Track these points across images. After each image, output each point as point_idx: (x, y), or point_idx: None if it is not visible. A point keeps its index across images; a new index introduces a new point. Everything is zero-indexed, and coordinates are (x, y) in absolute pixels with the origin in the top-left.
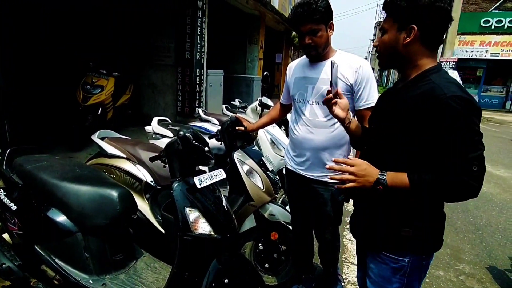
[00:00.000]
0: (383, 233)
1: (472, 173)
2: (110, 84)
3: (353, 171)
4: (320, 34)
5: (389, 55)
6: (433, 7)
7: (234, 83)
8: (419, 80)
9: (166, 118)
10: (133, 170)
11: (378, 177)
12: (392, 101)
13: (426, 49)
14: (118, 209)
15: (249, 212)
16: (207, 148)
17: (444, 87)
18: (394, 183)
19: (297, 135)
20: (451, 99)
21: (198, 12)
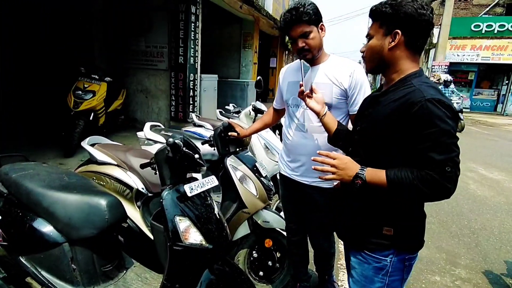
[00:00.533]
0: (365, 232)
1: (445, 174)
2: (102, 89)
3: (334, 164)
4: (313, 36)
5: (375, 60)
6: (416, 14)
7: (228, 87)
8: (401, 84)
9: (159, 123)
10: (124, 177)
11: (358, 172)
12: (375, 104)
13: (410, 54)
14: (107, 219)
15: (242, 219)
16: (197, 155)
17: (423, 90)
18: (372, 179)
19: (291, 140)
20: (429, 102)
21: (191, 17)
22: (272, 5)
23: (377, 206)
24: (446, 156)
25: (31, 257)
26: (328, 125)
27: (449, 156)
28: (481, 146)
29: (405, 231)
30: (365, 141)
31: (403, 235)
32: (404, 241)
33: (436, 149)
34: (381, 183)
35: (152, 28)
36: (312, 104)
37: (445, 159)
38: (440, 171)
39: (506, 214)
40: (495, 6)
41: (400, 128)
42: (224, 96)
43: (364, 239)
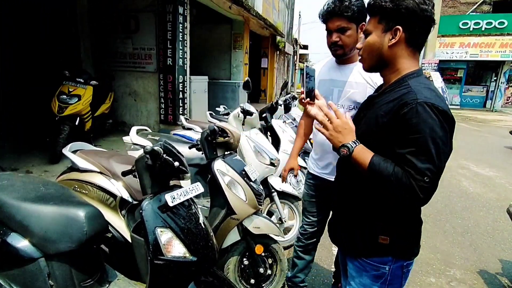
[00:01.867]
0: (361, 240)
1: (422, 183)
2: (87, 93)
3: (333, 122)
4: (349, 34)
5: (374, 58)
6: (418, 9)
7: (219, 89)
8: (397, 85)
9: (146, 127)
10: (107, 185)
11: (349, 142)
12: (370, 106)
13: (410, 52)
14: (85, 231)
15: (232, 226)
16: (177, 163)
17: (417, 92)
18: (358, 155)
19: (318, 138)
20: (421, 105)
21: (179, 18)
22: (262, 5)
23: (371, 214)
24: (427, 166)
25: (5, 274)
26: None
27: (431, 166)
28: (472, 142)
29: (402, 239)
30: None
31: (400, 243)
32: (401, 248)
33: (419, 156)
34: (363, 164)
35: (139, 30)
36: (314, 111)
37: (426, 169)
38: (417, 179)
39: (498, 211)
40: (482, 4)
41: (393, 130)
42: (215, 98)
43: (360, 246)
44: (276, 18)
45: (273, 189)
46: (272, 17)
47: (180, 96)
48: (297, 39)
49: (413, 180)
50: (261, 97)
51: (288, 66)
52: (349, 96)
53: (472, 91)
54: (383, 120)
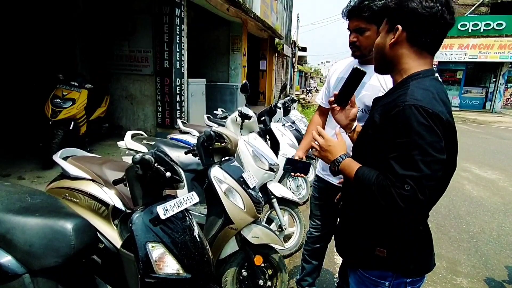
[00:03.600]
0: (360, 250)
1: (401, 191)
2: (82, 97)
3: (319, 143)
4: (368, 35)
5: (378, 58)
6: (419, 7)
7: (217, 91)
8: (399, 86)
9: (141, 132)
10: (99, 193)
11: (336, 158)
12: (373, 108)
13: (414, 52)
14: (73, 245)
15: (229, 236)
16: (169, 173)
17: (410, 94)
18: (344, 169)
19: None
20: (409, 107)
21: (176, 20)
22: (260, 7)
23: (368, 223)
24: (408, 173)
25: None
26: None
27: (413, 174)
28: (473, 144)
29: (401, 253)
30: (358, 148)
31: (399, 258)
32: (402, 264)
33: (400, 162)
34: (350, 176)
35: (136, 32)
36: (339, 117)
37: (407, 175)
38: (397, 186)
39: (503, 216)
40: (480, 6)
41: (384, 134)
42: (213, 100)
43: (359, 257)
44: (275, 20)
45: (273, 195)
46: (270, 19)
47: (177, 99)
48: (296, 41)
49: (392, 188)
50: (259, 99)
51: (287, 68)
52: (360, 98)
53: (472, 93)
54: (377, 123)
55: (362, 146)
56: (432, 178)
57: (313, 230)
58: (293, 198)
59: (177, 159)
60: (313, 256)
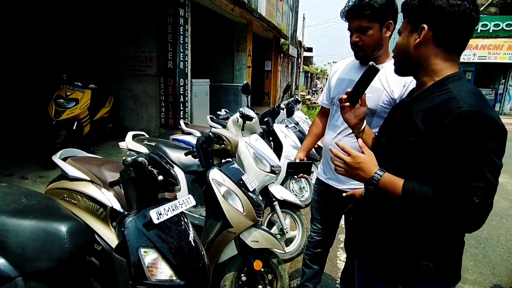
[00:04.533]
0: (401, 265)
1: (472, 205)
2: (86, 97)
3: (346, 161)
4: (371, 34)
5: (401, 59)
6: (446, 5)
7: (222, 92)
8: (435, 89)
9: (143, 132)
10: (97, 195)
11: (372, 175)
12: (404, 113)
13: (442, 52)
14: (67, 248)
15: (228, 240)
16: (161, 177)
17: (461, 99)
18: (385, 186)
19: (325, 140)
20: (466, 114)
21: (180, 20)
22: (265, 7)
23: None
24: (476, 185)
25: None
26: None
27: (480, 185)
28: None
29: (446, 263)
30: (390, 156)
31: (445, 268)
32: (446, 274)
33: (465, 172)
34: (395, 193)
35: (140, 33)
36: (348, 116)
37: (475, 187)
38: (466, 200)
39: (511, 221)
40: (489, 6)
41: (434, 142)
42: (218, 101)
43: (400, 273)
44: (280, 21)
45: (274, 198)
46: (275, 19)
47: (180, 100)
48: (301, 41)
49: (461, 202)
50: (264, 100)
51: (292, 68)
52: None
53: None
54: (421, 129)
55: (398, 155)
56: (495, 187)
57: (314, 235)
58: (295, 201)
59: (178, 160)
60: (314, 260)
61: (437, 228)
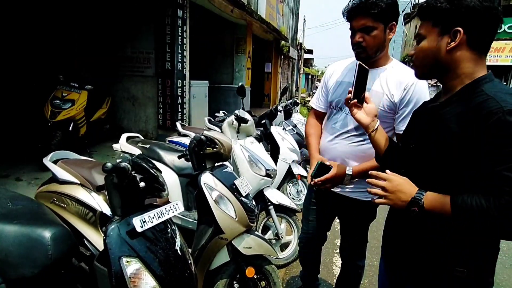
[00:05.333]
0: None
1: None
2: (82, 98)
3: (384, 186)
4: (375, 34)
5: (428, 64)
6: (481, 7)
7: (221, 94)
8: (468, 92)
9: (137, 134)
10: (86, 199)
11: (414, 196)
12: (434, 118)
13: (474, 55)
14: (50, 254)
15: (220, 246)
16: (143, 183)
17: (500, 99)
18: (432, 206)
19: (323, 143)
20: (509, 114)
21: (178, 21)
22: (265, 9)
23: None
24: None
25: None
26: (377, 142)
27: None
28: None
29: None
30: (424, 163)
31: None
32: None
33: None
34: (444, 211)
35: (138, 33)
36: (360, 115)
37: None
38: None
39: None
40: None
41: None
42: (217, 103)
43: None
44: (280, 23)
45: (269, 202)
46: (276, 21)
47: (178, 101)
48: (302, 43)
49: None
50: (264, 101)
51: (293, 70)
52: None
53: None
54: (458, 133)
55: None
56: None
57: (303, 234)
58: (290, 205)
59: (172, 163)
60: (305, 261)
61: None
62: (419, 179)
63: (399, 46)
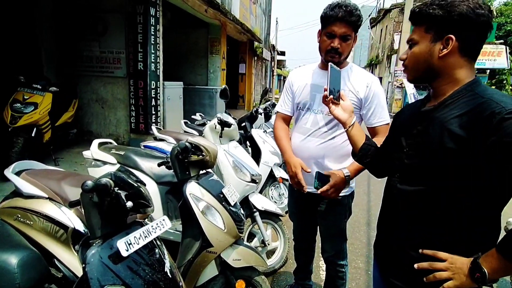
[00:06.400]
0: None
1: None
2: (46, 101)
3: (448, 267)
4: (349, 42)
5: (421, 69)
6: (473, 15)
7: (196, 95)
8: (460, 95)
9: (110, 140)
10: (56, 214)
11: (475, 264)
12: (428, 121)
13: (466, 61)
14: (18, 284)
15: (208, 261)
16: (130, 203)
17: (498, 101)
18: (493, 266)
19: (294, 144)
20: None
21: (151, 20)
22: (239, 10)
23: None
24: None
25: None
26: (354, 138)
27: None
28: None
29: None
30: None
31: None
32: None
33: None
34: (506, 267)
35: (107, 32)
36: (338, 112)
37: None
38: None
39: None
40: None
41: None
42: (192, 104)
43: None
44: (254, 24)
45: (255, 208)
46: (249, 22)
47: (152, 103)
48: (275, 45)
49: None
50: (239, 103)
51: (266, 71)
52: None
53: None
54: (461, 135)
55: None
56: None
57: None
58: (276, 211)
59: (150, 170)
60: (301, 253)
61: None
62: (418, 182)
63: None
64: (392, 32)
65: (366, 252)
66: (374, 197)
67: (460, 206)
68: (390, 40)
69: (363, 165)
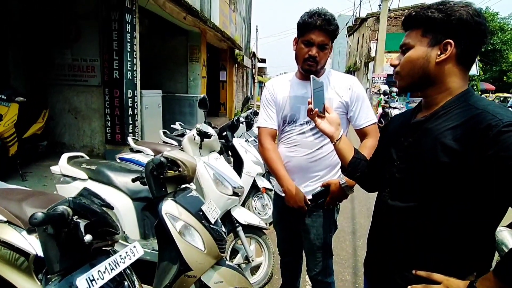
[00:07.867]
0: None
1: None
2: (12, 112)
3: None
4: (326, 52)
5: (416, 76)
6: (472, 22)
7: (176, 103)
8: (454, 106)
9: (81, 153)
10: (16, 240)
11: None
12: (420, 133)
13: (461, 70)
14: None
15: (187, 285)
16: (88, 237)
17: (494, 113)
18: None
19: (282, 153)
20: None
21: (126, 26)
22: (218, 17)
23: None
24: None
25: None
26: (342, 152)
27: None
28: None
29: None
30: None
31: None
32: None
33: None
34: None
35: (80, 38)
36: (324, 125)
37: None
38: None
39: None
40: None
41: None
42: (172, 113)
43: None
44: (234, 31)
45: (237, 222)
46: (229, 29)
47: (129, 113)
48: (255, 52)
49: None
50: (220, 110)
51: (247, 79)
52: None
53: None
54: (456, 148)
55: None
56: None
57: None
58: (260, 224)
59: (125, 186)
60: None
61: None
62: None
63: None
64: (369, 40)
65: (353, 263)
66: (358, 203)
67: (453, 223)
68: (367, 48)
69: (353, 180)
